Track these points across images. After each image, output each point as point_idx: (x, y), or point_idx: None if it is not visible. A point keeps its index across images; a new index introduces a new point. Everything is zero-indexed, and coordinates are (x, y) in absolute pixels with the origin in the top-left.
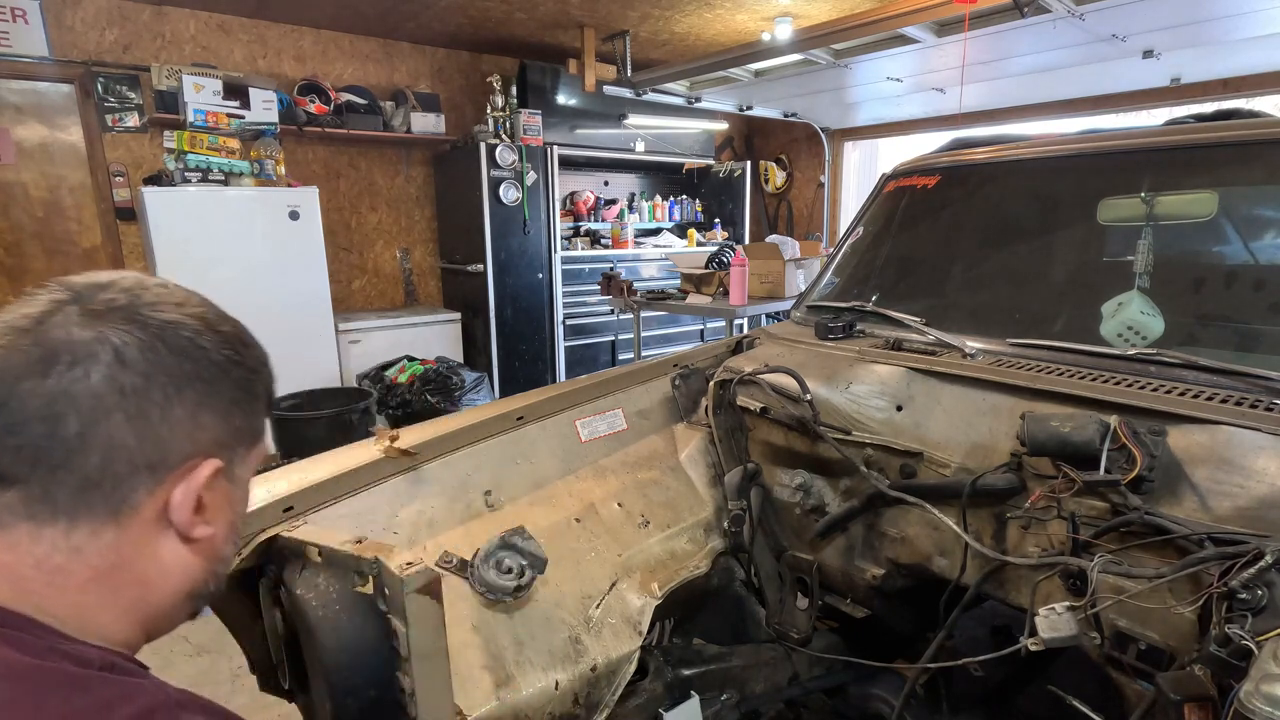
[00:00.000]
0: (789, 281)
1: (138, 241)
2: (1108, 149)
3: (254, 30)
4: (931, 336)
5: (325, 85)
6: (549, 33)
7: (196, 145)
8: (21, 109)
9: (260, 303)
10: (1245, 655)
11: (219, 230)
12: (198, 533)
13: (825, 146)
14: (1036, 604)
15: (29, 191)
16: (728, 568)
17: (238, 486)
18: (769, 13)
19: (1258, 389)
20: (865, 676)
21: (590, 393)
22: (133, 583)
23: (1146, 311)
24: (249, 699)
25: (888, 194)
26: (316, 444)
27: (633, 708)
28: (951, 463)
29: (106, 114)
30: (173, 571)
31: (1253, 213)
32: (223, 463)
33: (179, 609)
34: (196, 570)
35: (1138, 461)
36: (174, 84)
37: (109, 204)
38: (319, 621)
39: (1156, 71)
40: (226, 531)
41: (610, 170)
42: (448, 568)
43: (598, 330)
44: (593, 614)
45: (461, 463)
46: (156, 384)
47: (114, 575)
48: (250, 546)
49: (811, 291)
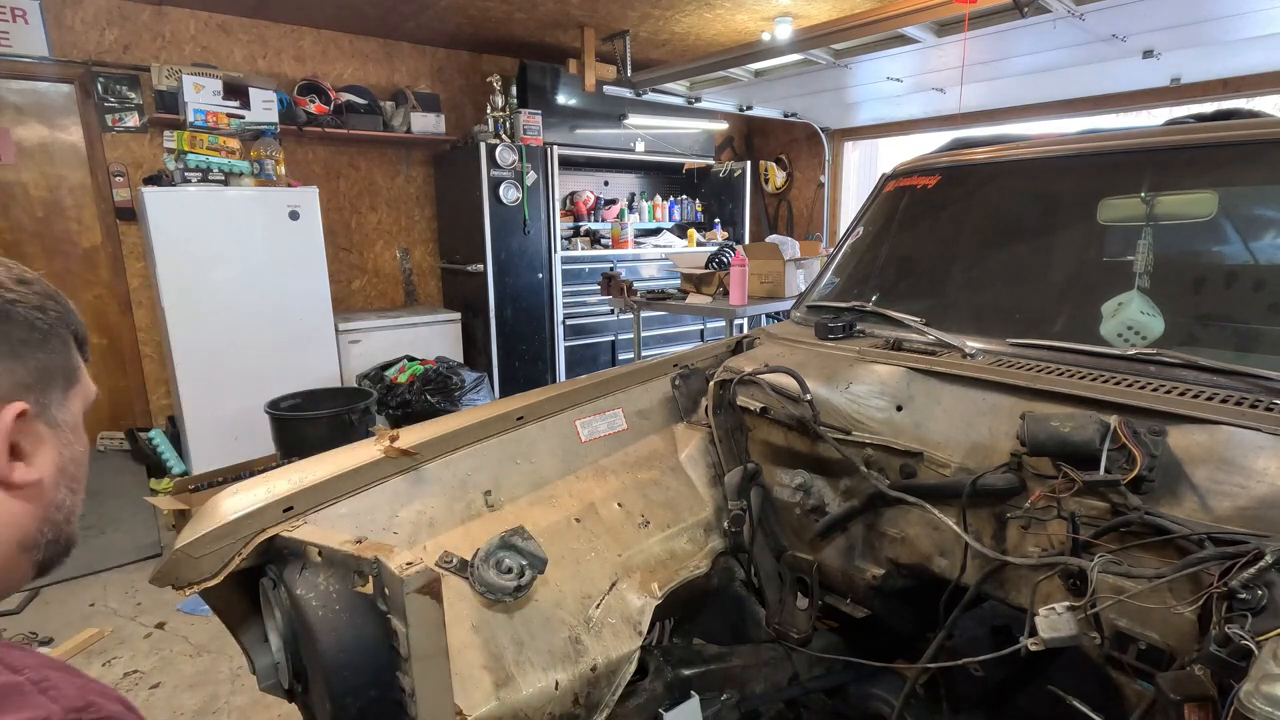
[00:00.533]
0: (789, 281)
1: (138, 241)
2: (1108, 149)
3: (254, 30)
4: (931, 336)
5: (325, 85)
6: (549, 33)
7: (196, 145)
8: (21, 109)
9: (260, 303)
10: (1245, 655)
11: (219, 230)
12: (18, 477)
13: (825, 146)
14: (1036, 604)
15: (29, 191)
16: (728, 568)
17: (61, 430)
18: (769, 13)
19: (1258, 389)
20: (865, 676)
21: (590, 393)
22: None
23: (1146, 311)
24: (249, 699)
25: (888, 194)
26: (316, 444)
27: (632, 708)
28: (951, 463)
29: (106, 114)
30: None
31: (1253, 213)
32: (30, 405)
33: (12, 562)
34: (26, 519)
35: (1138, 461)
36: (174, 84)
37: (109, 204)
38: (319, 621)
39: (1156, 71)
40: (55, 476)
41: (610, 170)
42: (448, 568)
43: (598, 330)
44: (593, 614)
45: (461, 463)
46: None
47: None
48: (250, 546)
49: (811, 291)
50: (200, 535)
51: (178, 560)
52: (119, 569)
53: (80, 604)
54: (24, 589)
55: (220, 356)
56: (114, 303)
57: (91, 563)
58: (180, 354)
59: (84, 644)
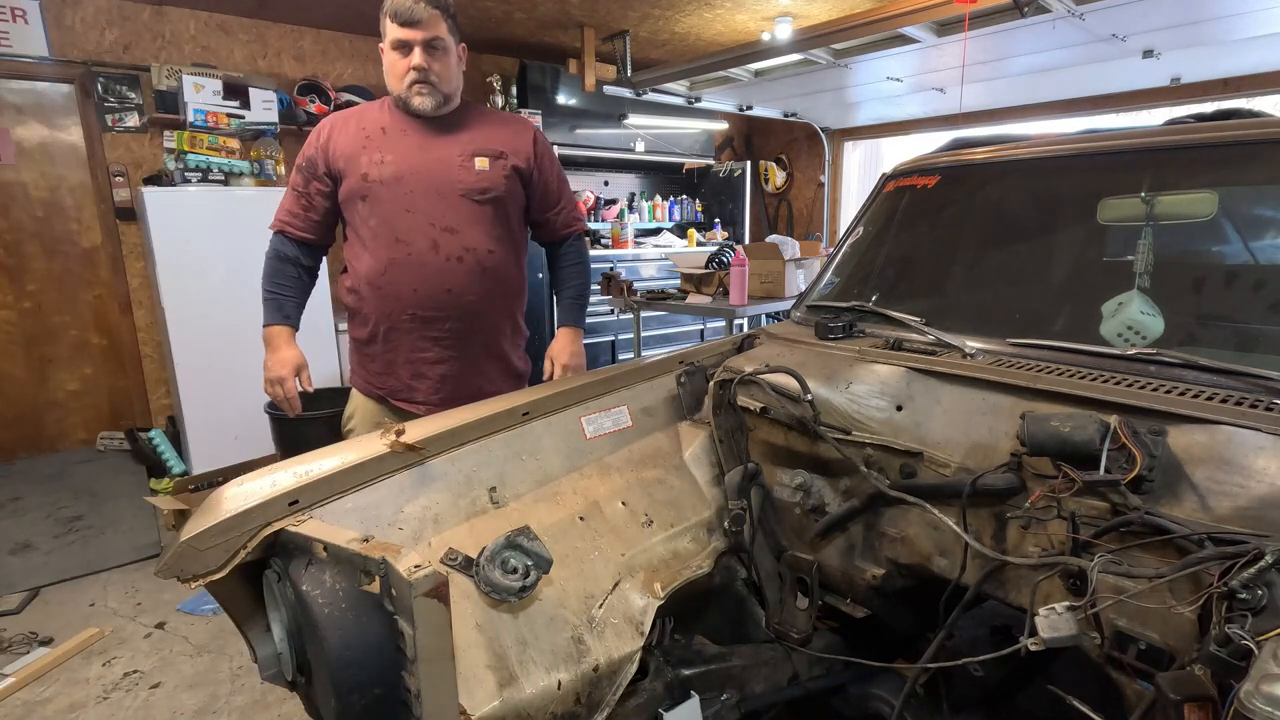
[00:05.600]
0: (789, 281)
1: (138, 241)
2: (1108, 149)
3: (254, 30)
4: (931, 336)
5: (325, 85)
6: (549, 33)
7: (196, 145)
8: (21, 109)
9: (260, 303)
10: (1245, 655)
11: (219, 230)
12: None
13: (825, 146)
14: (1036, 604)
15: (29, 191)
16: (730, 567)
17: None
18: (769, 13)
19: (1258, 389)
20: (865, 676)
21: (596, 389)
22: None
23: (1146, 311)
24: (249, 699)
25: (888, 194)
26: (316, 444)
27: (633, 707)
28: (951, 463)
29: (106, 114)
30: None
31: (1253, 213)
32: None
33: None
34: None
35: (1138, 461)
36: (174, 84)
37: (109, 204)
38: (325, 619)
39: (1156, 71)
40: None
41: (610, 170)
42: (453, 565)
43: (597, 330)
44: (595, 614)
45: (467, 458)
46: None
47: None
48: (256, 540)
49: (811, 291)
50: (206, 528)
51: (183, 553)
52: (119, 569)
53: (80, 604)
54: (24, 589)
55: (220, 356)
56: (114, 303)
57: (91, 563)
58: (180, 354)
59: (84, 644)
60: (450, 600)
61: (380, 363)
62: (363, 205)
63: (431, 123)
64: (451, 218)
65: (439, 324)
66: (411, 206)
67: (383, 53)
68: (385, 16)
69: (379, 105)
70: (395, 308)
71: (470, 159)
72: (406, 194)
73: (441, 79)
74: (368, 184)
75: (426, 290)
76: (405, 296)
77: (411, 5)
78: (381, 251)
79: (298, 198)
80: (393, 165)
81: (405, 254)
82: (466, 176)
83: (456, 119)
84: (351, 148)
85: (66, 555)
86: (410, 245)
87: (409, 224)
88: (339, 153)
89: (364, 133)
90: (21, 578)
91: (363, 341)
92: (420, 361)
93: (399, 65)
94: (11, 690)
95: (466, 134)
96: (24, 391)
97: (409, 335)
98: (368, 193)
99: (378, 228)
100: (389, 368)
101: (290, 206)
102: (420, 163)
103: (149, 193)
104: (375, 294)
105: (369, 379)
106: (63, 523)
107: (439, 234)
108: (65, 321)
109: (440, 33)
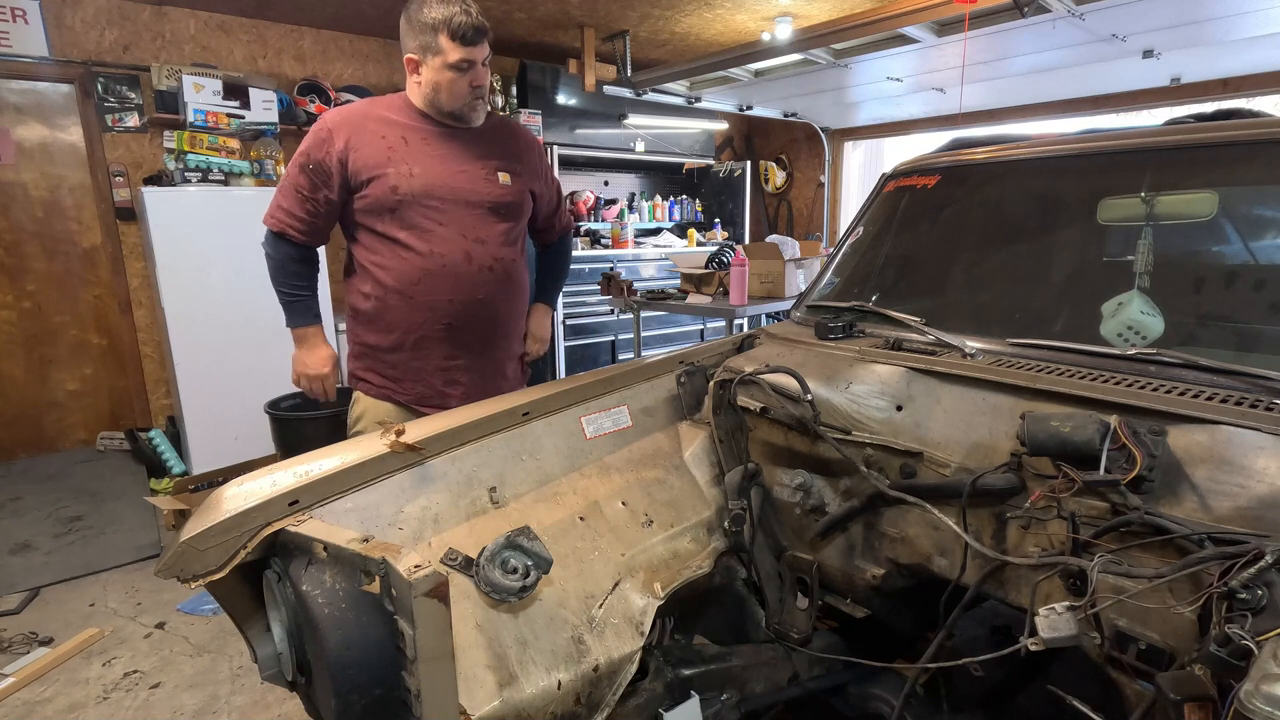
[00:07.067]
0: (789, 281)
1: (138, 241)
2: (1108, 149)
3: (254, 30)
4: (931, 336)
5: (325, 85)
6: (549, 33)
7: (196, 145)
8: (21, 109)
9: (260, 303)
10: (1245, 655)
11: (219, 230)
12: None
13: (825, 146)
14: (1036, 604)
15: (29, 191)
16: (730, 567)
17: None
18: (769, 13)
19: (1258, 389)
20: (865, 676)
21: (596, 389)
22: None
23: (1146, 311)
24: (249, 699)
25: (888, 194)
26: (316, 444)
27: (632, 707)
28: (951, 463)
29: (106, 114)
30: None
31: (1253, 213)
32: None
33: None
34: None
35: (1138, 461)
36: (174, 84)
37: (109, 204)
38: (325, 619)
39: (1156, 71)
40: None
41: (610, 170)
42: (453, 565)
43: (598, 330)
44: (595, 614)
45: (467, 458)
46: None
47: None
48: (256, 540)
49: (811, 291)
50: (206, 528)
51: (183, 553)
52: (119, 569)
53: (80, 604)
54: (24, 589)
55: (220, 356)
56: (114, 303)
57: (91, 563)
58: (180, 354)
59: (84, 644)
60: (450, 600)
61: (405, 370)
62: (390, 216)
63: (451, 129)
64: (481, 229)
65: (470, 331)
66: (443, 219)
67: (421, 68)
68: (440, 35)
69: (389, 107)
70: (430, 317)
71: (494, 173)
72: (437, 206)
73: (487, 91)
74: (398, 196)
75: (461, 300)
76: (441, 306)
77: (475, 25)
78: (415, 261)
79: (302, 202)
80: (422, 178)
81: (440, 265)
82: (493, 190)
83: (475, 127)
84: (375, 159)
85: (66, 555)
86: (445, 256)
87: (442, 236)
88: (362, 164)
89: (386, 143)
90: (21, 578)
91: (384, 349)
92: (454, 369)
93: (459, 84)
94: (11, 690)
95: (485, 145)
96: (24, 391)
97: (442, 344)
98: (398, 205)
99: (409, 239)
100: (417, 375)
101: (293, 209)
102: (448, 174)
103: (149, 193)
104: (406, 304)
105: (385, 386)
106: (63, 523)
107: (470, 245)
108: (65, 321)
109: (489, 48)
